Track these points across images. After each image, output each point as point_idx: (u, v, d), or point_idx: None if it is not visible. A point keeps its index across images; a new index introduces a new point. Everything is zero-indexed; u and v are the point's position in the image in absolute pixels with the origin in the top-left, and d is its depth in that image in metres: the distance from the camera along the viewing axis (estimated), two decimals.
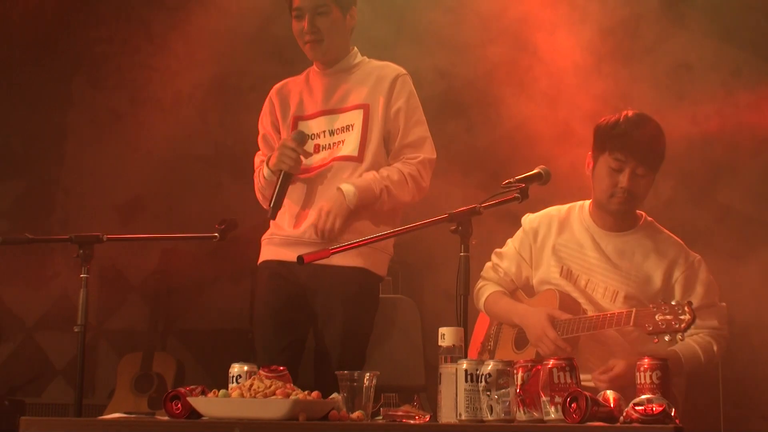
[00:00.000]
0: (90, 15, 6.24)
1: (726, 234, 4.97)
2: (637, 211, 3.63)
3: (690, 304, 3.02)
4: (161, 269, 5.91)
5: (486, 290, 3.76)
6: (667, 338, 3.03)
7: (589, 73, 5.20)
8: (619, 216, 3.57)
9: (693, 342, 3.40)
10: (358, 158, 3.62)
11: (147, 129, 5.55)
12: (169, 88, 5.87)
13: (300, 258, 2.94)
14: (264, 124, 3.84)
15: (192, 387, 2.60)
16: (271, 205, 3.55)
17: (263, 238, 3.75)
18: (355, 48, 3.79)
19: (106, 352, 6.03)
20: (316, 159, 3.64)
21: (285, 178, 3.55)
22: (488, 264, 3.82)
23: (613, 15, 5.37)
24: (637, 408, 2.27)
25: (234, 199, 3.62)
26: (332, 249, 2.96)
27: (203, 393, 2.57)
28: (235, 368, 2.72)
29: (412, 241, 4.53)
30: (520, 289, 3.75)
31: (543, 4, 5.38)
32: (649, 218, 3.64)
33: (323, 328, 3.60)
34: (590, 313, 3.46)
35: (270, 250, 3.70)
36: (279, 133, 3.78)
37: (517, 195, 3.11)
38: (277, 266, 3.66)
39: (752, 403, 4.46)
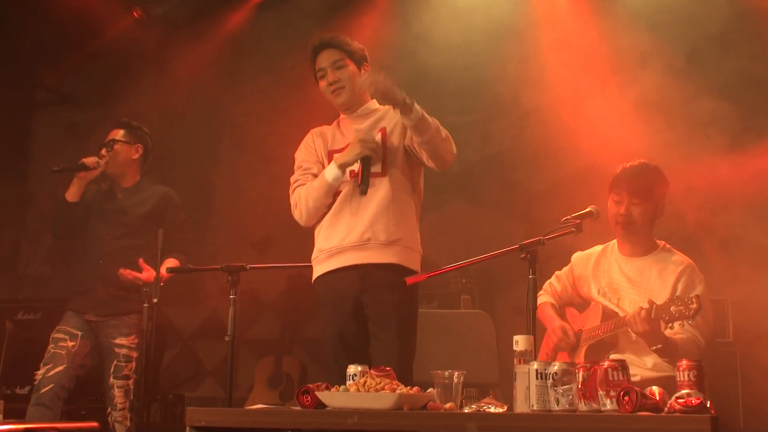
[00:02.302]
0: (233, 95, 6.40)
1: (728, 256, 4.90)
2: (657, 240, 3.64)
3: (698, 297, 3.07)
4: (288, 291, 5.98)
5: (540, 299, 3.79)
6: (677, 325, 3.13)
7: (619, 135, 5.17)
8: (634, 242, 3.62)
9: (688, 333, 3.37)
10: (381, 173, 3.38)
11: (276, 182, 5.54)
12: (292, 149, 5.95)
13: (403, 281, 2.92)
14: (302, 154, 3.62)
15: (318, 384, 2.60)
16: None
17: (312, 259, 3.48)
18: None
19: (246, 357, 6.10)
20: (349, 182, 3.41)
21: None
22: (548, 281, 3.87)
23: (645, 89, 5.35)
24: (679, 401, 2.21)
25: None
26: (429, 273, 2.93)
27: (327, 388, 2.58)
28: (351, 369, 2.70)
29: (486, 267, 4.51)
30: (571, 306, 3.82)
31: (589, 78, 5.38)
32: (668, 245, 3.63)
33: (377, 315, 3.31)
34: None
35: (320, 268, 3.43)
36: (317, 162, 3.56)
37: (573, 229, 3.08)
38: (330, 277, 3.39)
39: None
